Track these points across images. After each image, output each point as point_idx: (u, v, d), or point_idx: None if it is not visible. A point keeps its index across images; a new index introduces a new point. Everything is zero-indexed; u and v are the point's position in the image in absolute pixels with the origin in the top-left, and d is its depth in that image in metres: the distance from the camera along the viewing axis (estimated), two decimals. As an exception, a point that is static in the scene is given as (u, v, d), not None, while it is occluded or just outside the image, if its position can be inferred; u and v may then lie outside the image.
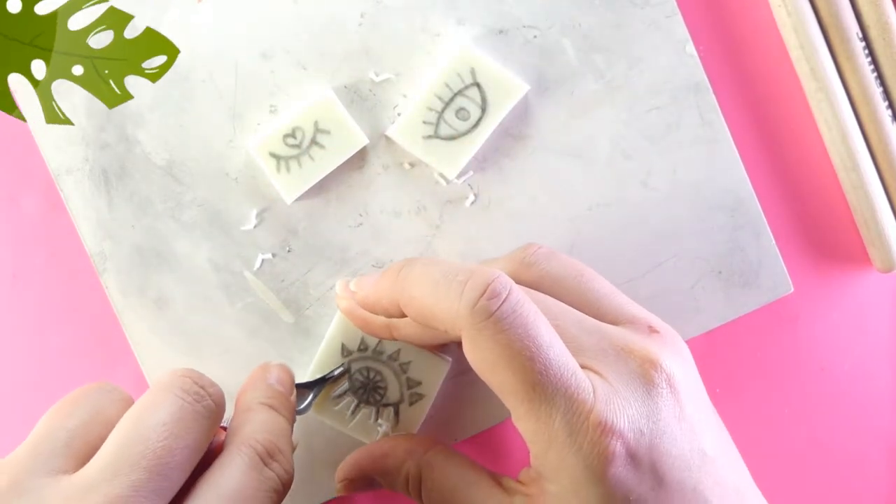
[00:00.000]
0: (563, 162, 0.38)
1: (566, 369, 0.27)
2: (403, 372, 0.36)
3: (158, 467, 0.26)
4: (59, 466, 0.27)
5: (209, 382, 0.29)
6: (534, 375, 0.27)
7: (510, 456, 0.40)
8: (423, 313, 0.30)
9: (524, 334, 0.27)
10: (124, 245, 0.37)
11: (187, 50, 0.36)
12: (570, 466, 0.27)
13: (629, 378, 0.28)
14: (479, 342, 0.27)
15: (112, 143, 0.37)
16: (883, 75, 0.39)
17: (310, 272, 0.37)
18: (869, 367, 0.41)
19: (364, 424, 0.36)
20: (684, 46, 0.37)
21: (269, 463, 0.29)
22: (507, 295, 0.28)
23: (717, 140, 0.38)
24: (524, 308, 0.28)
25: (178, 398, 0.28)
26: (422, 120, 0.36)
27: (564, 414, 0.27)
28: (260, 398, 0.32)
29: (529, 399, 0.27)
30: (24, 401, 0.39)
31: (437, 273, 0.29)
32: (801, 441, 0.41)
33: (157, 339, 0.37)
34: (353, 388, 0.36)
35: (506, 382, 0.27)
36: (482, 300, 0.27)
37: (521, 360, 0.27)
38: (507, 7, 0.37)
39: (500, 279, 0.28)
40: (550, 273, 0.33)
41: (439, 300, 0.28)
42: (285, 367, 0.35)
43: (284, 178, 0.36)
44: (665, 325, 0.32)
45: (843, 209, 0.41)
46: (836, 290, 0.41)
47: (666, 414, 0.28)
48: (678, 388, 0.29)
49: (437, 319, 0.29)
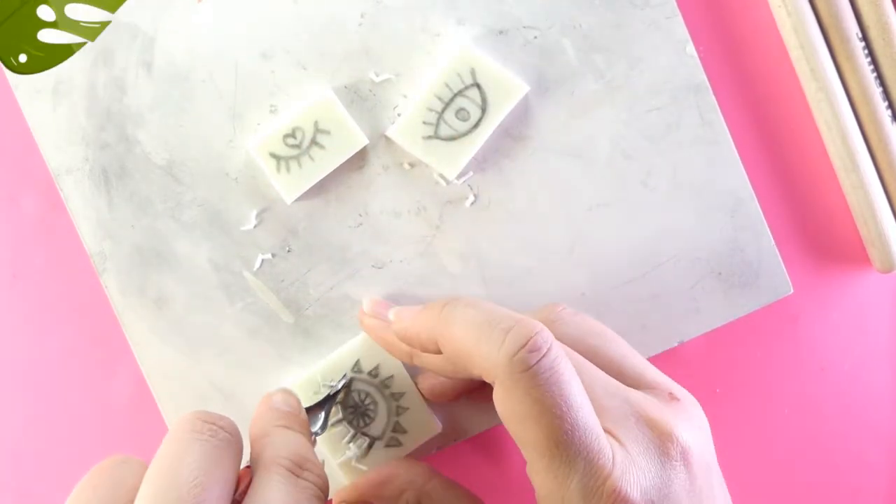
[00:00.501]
0: (563, 162, 0.38)
1: (591, 432, 0.28)
2: (397, 414, 0.36)
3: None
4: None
5: (217, 416, 0.29)
6: (559, 434, 0.27)
7: (510, 457, 0.40)
8: (460, 354, 0.30)
9: (557, 392, 0.27)
10: (124, 245, 0.37)
11: (187, 50, 0.36)
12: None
13: (646, 448, 0.29)
14: (513, 393, 0.28)
15: (112, 142, 0.37)
16: (883, 75, 0.39)
17: (310, 272, 0.37)
18: (869, 367, 0.41)
19: (336, 440, 0.37)
20: (684, 47, 0.37)
21: (300, 473, 0.29)
22: (548, 350, 0.28)
23: (717, 140, 0.38)
24: (561, 366, 0.28)
25: (193, 438, 0.28)
26: (422, 120, 0.36)
27: (582, 477, 0.27)
28: (272, 422, 0.32)
29: (550, 456, 0.27)
30: (24, 401, 0.39)
31: (481, 317, 0.29)
32: (801, 441, 0.41)
33: (157, 339, 0.37)
34: (344, 403, 0.36)
35: (530, 436, 0.28)
36: (523, 352, 0.27)
37: (551, 417, 0.27)
38: (507, 7, 0.37)
39: (542, 333, 0.28)
40: (574, 335, 0.33)
41: (480, 344, 0.29)
42: (287, 390, 0.35)
43: (284, 178, 0.36)
44: (685, 392, 0.32)
45: (843, 209, 0.41)
46: (836, 290, 0.41)
47: (677, 487, 0.29)
48: (691, 461, 0.29)
49: (473, 363, 0.29)
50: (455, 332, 0.30)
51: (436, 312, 0.31)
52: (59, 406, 0.39)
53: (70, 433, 0.39)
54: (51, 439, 0.39)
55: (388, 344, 0.35)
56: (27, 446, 0.39)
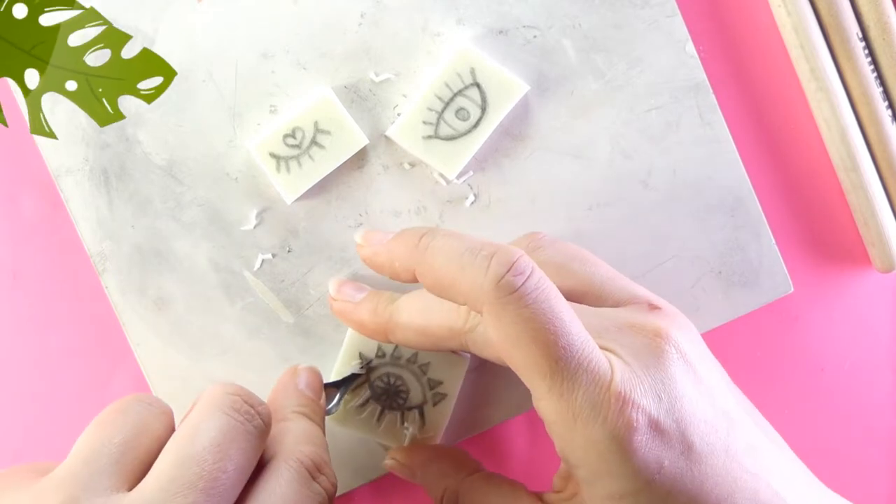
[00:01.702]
0: (563, 162, 0.38)
1: (587, 345, 0.28)
2: (423, 373, 0.36)
3: (214, 489, 0.26)
4: (113, 484, 0.27)
5: (258, 401, 0.29)
6: (557, 350, 0.27)
7: (511, 457, 0.40)
8: (442, 283, 0.29)
9: (548, 310, 0.27)
10: (124, 245, 0.37)
11: (187, 50, 0.36)
12: (597, 441, 0.27)
13: (641, 351, 0.29)
14: (504, 317, 0.27)
15: (112, 143, 0.37)
16: (883, 75, 0.39)
17: (310, 272, 0.37)
18: (869, 367, 0.41)
19: (391, 429, 0.36)
20: (684, 46, 0.37)
21: (316, 477, 0.29)
22: (532, 272, 0.28)
23: (717, 140, 0.38)
24: (547, 285, 0.28)
25: (229, 417, 0.28)
26: (422, 120, 0.36)
27: (587, 389, 0.27)
28: (293, 406, 0.32)
29: (552, 375, 0.27)
30: (24, 401, 0.39)
31: (462, 246, 0.29)
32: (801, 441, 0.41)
33: (157, 339, 0.37)
34: (375, 395, 0.36)
35: (529, 358, 0.27)
36: (508, 275, 0.27)
37: (546, 334, 0.27)
38: (507, 7, 0.37)
39: (524, 257, 0.28)
40: (554, 259, 0.33)
41: (464, 272, 0.28)
42: (314, 370, 0.35)
43: (284, 178, 0.36)
44: (665, 302, 0.32)
45: (843, 209, 0.41)
46: (836, 290, 0.41)
47: (681, 379, 0.29)
48: (688, 355, 0.29)
49: (457, 290, 0.29)
50: (436, 262, 0.30)
51: (412, 242, 0.31)
52: (59, 406, 0.39)
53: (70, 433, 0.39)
54: (51, 439, 0.39)
55: (359, 325, 0.35)
56: (27, 446, 0.39)
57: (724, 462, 0.28)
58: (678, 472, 0.28)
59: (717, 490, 0.28)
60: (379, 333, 0.35)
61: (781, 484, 0.29)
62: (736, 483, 0.28)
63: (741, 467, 0.29)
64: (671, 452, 0.28)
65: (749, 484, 0.28)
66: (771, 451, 0.30)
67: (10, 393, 0.39)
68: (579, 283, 0.33)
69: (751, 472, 0.29)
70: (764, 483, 0.29)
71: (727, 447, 0.29)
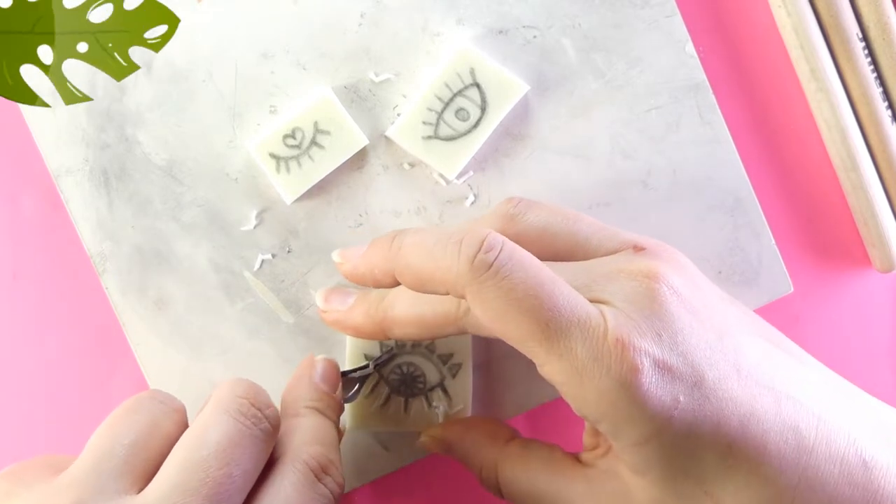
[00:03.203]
0: (563, 162, 0.38)
1: (574, 301, 0.28)
2: (432, 352, 0.36)
3: (219, 494, 0.26)
4: (121, 487, 0.27)
5: (265, 403, 0.29)
6: (544, 313, 0.27)
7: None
8: (421, 278, 0.30)
9: (526, 277, 0.27)
10: (124, 245, 0.37)
11: (187, 50, 0.36)
12: (607, 391, 0.27)
13: (631, 295, 0.29)
14: (485, 294, 0.28)
15: (112, 143, 0.37)
16: (883, 75, 0.39)
17: (310, 272, 0.37)
18: (869, 367, 0.41)
19: (422, 415, 0.36)
20: (684, 46, 0.37)
21: (322, 478, 0.29)
22: (502, 246, 0.28)
23: (717, 140, 0.38)
24: (520, 254, 0.28)
25: (236, 422, 0.28)
26: (421, 120, 0.36)
27: (583, 342, 0.27)
28: (306, 400, 0.32)
29: (546, 338, 0.27)
30: (24, 401, 0.39)
31: (431, 239, 0.29)
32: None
33: (157, 339, 0.37)
34: (393, 388, 0.37)
35: (520, 328, 0.28)
36: (480, 254, 0.28)
37: (530, 300, 0.27)
38: (507, 7, 0.37)
39: (492, 234, 0.28)
40: (536, 223, 0.33)
41: (438, 263, 0.29)
42: (331, 361, 0.35)
43: (284, 178, 0.36)
44: (650, 240, 0.32)
45: (843, 209, 0.41)
46: (836, 290, 0.41)
47: (677, 313, 0.28)
48: (680, 288, 0.29)
49: (436, 282, 0.29)
50: (411, 260, 0.30)
51: (386, 246, 0.32)
52: (59, 406, 0.39)
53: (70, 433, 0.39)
54: (51, 439, 0.39)
55: (356, 330, 0.35)
56: (28, 447, 0.39)
57: (738, 383, 0.28)
58: (695, 403, 0.27)
59: (739, 411, 0.28)
60: (377, 333, 0.35)
61: (801, 391, 0.29)
62: (755, 400, 0.28)
63: (757, 383, 0.28)
64: (683, 386, 0.27)
65: (768, 398, 0.28)
66: (783, 360, 0.30)
67: (10, 393, 0.39)
68: (565, 241, 0.33)
69: (767, 387, 0.28)
70: (783, 394, 0.28)
71: (738, 367, 0.28)
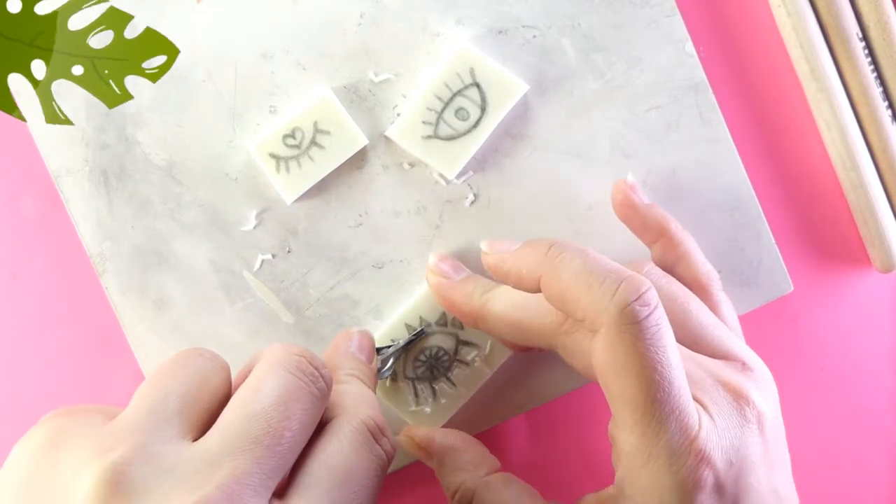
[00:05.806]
0: (563, 161, 0.38)
1: (684, 394, 0.28)
2: (449, 325, 0.37)
3: (279, 445, 0.26)
4: (178, 433, 0.26)
5: (321, 364, 0.29)
6: (657, 391, 0.28)
7: (511, 456, 0.40)
8: (565, 296, 0.30)
9: (661, 348, 0.28)
10: (124, 245, 0.37)
11: (187, 50, 0.36)
12: (663, 488, 0.28)
13: (726, 411, 0.29)
14: (617, 343, 0.28)
15: (112, 143, 0.37)
16: (883, 75, 0.39)
17: (310, 272, 0.37)
18: (869, 367, 0.41)
19: (464, 377, 0.37)
20: (684, 46, 0.37)
21: (379, 439, 0.29)
22: (656, 307, 0.28)
23: (717, 140, 0.38)
24: (665, 324, 0.28)
25: (294, 377, 0.28)
26: (421, 120, 0.36)
27: (672, 436, 0.28)
28: (347, 369, 0.33)
29: (644, 412, 0.28)
30: (24, 401, 0.39)
31: (591, 264, 0.29)
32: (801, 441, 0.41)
33: (157, 339, 0.37)
34: (423, 377, 0.37)
35: (627, 390, 0.28)
36: (634, 304, 0.28)
37: (651, 373, 0.27)
38: (507, 7, 0.37)
39: (652, 290, 0.28)
40: (662, 295, 0.33)
41: (590, 290, 0.29)
42: (367, 333, 0.35)
43: (284, 178, 0.36)
44: (758, 362, 0.33)
45: (843, 209, 0.41)
46: (836, 290, 0.41)
47: (753, 450, 0.29)
48: (765, 426, 0.30)
49: (579, 306, 0.29)
50: (563, 275, 0.30)
51: (541, 252, 0.31)
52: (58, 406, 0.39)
53: (70, 433, 0.39)
54: (51, 440, 0.39)
55: (450, 304, 0.36)
56: (27, 447, 0.39)
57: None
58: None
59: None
60: (468, 317, 0.35)
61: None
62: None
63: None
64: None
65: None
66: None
67: (9, 393, 0.39)
68: (679, 325, 0.33)
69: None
70: None
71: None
